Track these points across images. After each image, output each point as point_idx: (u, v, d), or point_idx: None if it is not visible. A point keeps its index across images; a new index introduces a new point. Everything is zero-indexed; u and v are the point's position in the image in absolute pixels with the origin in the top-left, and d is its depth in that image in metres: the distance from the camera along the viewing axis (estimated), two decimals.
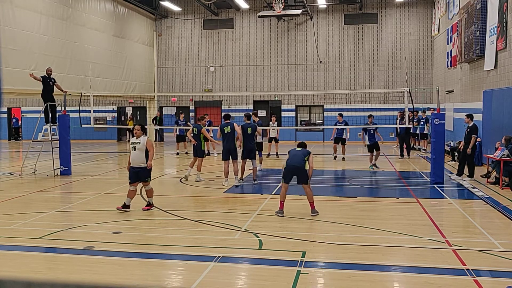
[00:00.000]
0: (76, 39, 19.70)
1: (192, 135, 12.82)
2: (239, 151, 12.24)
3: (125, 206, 9.13)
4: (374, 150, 14.97)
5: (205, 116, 14.84)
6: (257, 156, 13.54)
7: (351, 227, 7.92)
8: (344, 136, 17.39)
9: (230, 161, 12.08)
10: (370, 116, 15.61)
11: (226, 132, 12.00)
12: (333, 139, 17.52)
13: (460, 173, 12.93)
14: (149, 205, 9.34)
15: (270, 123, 18.62)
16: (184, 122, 19.92)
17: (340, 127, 17.14)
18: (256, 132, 12.44)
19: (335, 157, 17.51)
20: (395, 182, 12.91)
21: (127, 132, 28.73)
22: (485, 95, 15.25)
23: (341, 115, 17.78)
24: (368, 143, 15.06)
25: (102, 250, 6.72)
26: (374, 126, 15.24)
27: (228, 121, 12.17)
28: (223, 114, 12.60)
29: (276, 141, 18.23)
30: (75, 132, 22.89)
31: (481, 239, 7.19)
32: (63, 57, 18.60)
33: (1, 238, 7.37)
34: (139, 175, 9.11)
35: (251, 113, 13.81)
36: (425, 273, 5.74)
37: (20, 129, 30.54)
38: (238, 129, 12.13)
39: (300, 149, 8.91)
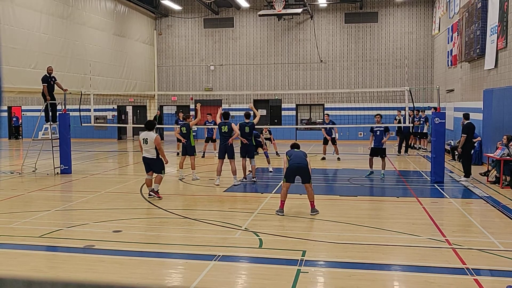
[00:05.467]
0: (77, 38, 19.70)
1: (180, 134, 12.84)
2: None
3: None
4: (379, 156, 12.92)
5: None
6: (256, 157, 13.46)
7: (351, 226, 7.92)
8: (333, 136, 17.36)
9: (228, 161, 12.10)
10: (377, 115, 13.44)
11: (223, 131, 12.00)
12: (325, 139, 17.45)
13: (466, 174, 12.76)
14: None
15: (263, 133, 18.09)
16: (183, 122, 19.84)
17: (328, 126, 17.17)
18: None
19: (324, 158, 17.40)
20: (395, 181, 12.90)
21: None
22: (485, 94, 15.24)
23: (328, 115, 17.78)
24: (373, 146, 13.04)
25: (103, 249, 6.72)
26: (383, 126, 13.03)
27: (226, 120, 12.15)
28: (222, 112, 12.50)
29: (271, 140, 18.23)
30: (76, 131, 22.91)
31: (481, 238, 7.19)
32: (63, 56, 18.60)
33: (1, 236, 7.37)
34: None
35: (250, 112, 13.58)
36: (425, 272, 5.74)
37: (21, 127, 30.55)
38: (236, 129, 12.11)
39: (298, 150, 8.98)
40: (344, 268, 5.91)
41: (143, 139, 10.08)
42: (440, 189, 11.36)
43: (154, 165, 10.17)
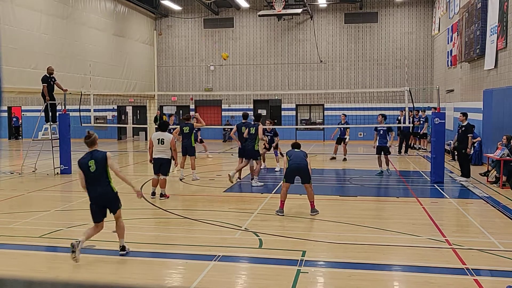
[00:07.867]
0: (77, 38, 19.70)
1: (181, 133, 12.85)
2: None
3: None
4: (383, 152, 13.64)
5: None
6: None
7: (351, 226, 7.92)
8: (345, 136, 17.33)
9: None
10: (381, 115, 14.13)
11: (242, 132, 12.00)
12: (333, 138, 17.46)
13: (466, 175, 12.75)
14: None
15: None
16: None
17: (342, 126, 17.11)
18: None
19: (334, 157, 17.40)
20: (396, 181, 12.91)
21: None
22: (485, 94, 15.25)
23: (345, 115, 17.72)
24: (378, 144, 13.73)
25: (103, 249, 6.73)
26: (386, 126, 13.81)
27: (245, 121, 12.21)
28: (242, 113, 12.73)
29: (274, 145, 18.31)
30: (75, 131, 22.84)
31: (481, 238, 7.19)
32: (63, 56, 18.60)
33: (1, 237, 7.37)
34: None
35: (248, 112, 13.59)
36: (425, 273, 5.74)
37: (20, 128, 30.55)
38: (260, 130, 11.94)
39: (298, 150, 8.98)
40: (344, 269, 5.91)
41: (159, 139, 10.09)
42: (440, 189, 11.36)
43: (166, 166, 10.20)
